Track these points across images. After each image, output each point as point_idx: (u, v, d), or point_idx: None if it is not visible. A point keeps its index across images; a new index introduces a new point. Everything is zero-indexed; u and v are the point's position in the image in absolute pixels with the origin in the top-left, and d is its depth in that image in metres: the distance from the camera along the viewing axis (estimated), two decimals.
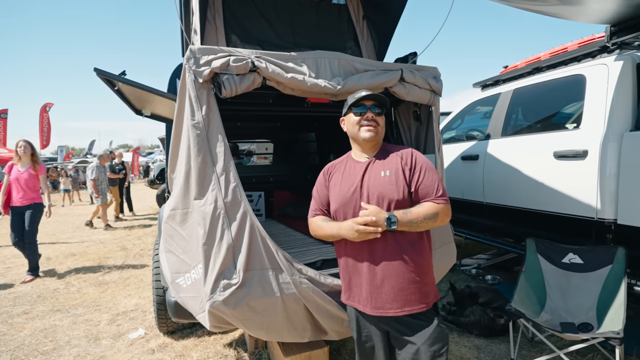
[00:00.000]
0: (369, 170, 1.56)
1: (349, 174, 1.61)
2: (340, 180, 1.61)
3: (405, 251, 1.48)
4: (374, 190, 1.51)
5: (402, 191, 1.49)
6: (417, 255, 1.50)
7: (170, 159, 2.13)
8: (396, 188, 1.49)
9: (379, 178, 1.52)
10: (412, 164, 1.54)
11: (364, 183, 1.54)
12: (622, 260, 2.35)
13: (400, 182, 1.50)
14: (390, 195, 1.48)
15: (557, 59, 3.18)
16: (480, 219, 3.70)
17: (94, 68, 2.13)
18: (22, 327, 3.25)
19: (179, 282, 1.93)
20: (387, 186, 1.50)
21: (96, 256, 5.63)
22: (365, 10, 3.03)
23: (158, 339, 2.94)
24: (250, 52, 1.87)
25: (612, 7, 2.34)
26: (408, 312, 1.47)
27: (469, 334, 2.88)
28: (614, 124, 2.54)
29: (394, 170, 1.52)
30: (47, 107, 15.38)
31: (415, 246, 1.51)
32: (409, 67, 2.25)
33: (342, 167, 1.67)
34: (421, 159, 1.57)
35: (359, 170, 1.58)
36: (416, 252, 1.50)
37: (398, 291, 1.47)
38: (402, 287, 1.47)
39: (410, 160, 1.55)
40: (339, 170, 1.67)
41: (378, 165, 1.56)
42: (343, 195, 1.56)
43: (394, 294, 1.47)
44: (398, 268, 1.47)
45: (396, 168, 1.53)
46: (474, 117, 4.38)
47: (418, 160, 1.55)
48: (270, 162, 5.41)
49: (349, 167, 1.64)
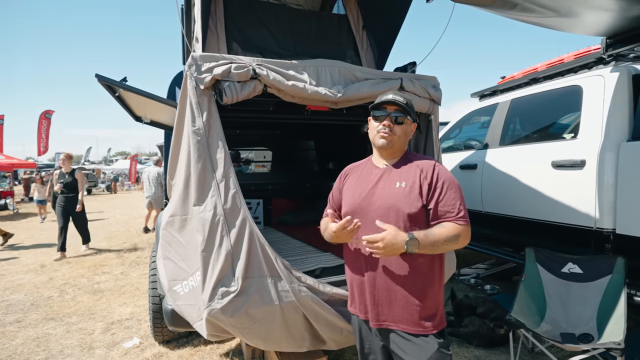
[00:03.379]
0: (384, 178, 1.48)
1: (364, 178, 1.53)
2: (354, 185, 1.55)
3: (411, 270, 1.38)
4: (385, 200, 1.42)
5: (415, 205, 1.38)
6: (422, 276, 1.40)
7: (170, 165, 2.13)
8: (409, 201, 1.38)
9: (393, 189, 1.43)
10: (432, 178, 1.40)
11: (376, 191, 1.45)
12: (622, 270, 2.35)
13: (415, 196, 1.39)
14: (401, 208, 1.38)
15: (553, 70, 3.23)
16: (478, 228, 3.70)
17: (95, 74, 2.15)
18: (14, 335, 3.19)
19: (176, 289, 1.91)
20: (400, 198, 1.39)
21: (92, 264, 5.57)
22: (366, 21, 3.07)
23: (153, 349, 2.89)
24: (251, 60, 1.89)
25: (608, 20, 2.38)
26: (403, 329, 1.40)
27: (469, 345, 2.85)
28: (611, 134, 2.56)
29: (411, 183, 1.41)
30: (48, 114, 15.41)
31: (421, 266, 1.39)
32: (408, 76, 2.27)
33: (359, 171, 1.59)
34: (444, 174, 1.43)
35: (374, 176, 1.50)
36: (423, 272, 1.40)
37: (396, 307, 1.40)
38: (401, 304, 1.40)
39: (432, 175, 1.41)
40: (355, 173, 1.60)
41: (395, 175, 1.46)
42: (353, 201, 1.50)
43: (390, 307, 1.41)
44: (399, 285, 1.40)
45: (413, 180, 1.41)
46: (472, 126, 4.42)
47: (441, 175, 1.41)
48: (269, 169, 5.41)
49: (366, 172, 1.56)
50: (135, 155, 29.32)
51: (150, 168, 7.95)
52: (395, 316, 1.41)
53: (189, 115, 1.81)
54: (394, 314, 1.41)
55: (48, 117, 15.45)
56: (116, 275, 4.96)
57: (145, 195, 7.81)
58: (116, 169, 28.87)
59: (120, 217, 11.07)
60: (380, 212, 1.41)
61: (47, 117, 15.42)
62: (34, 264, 5.61)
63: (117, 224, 9.63)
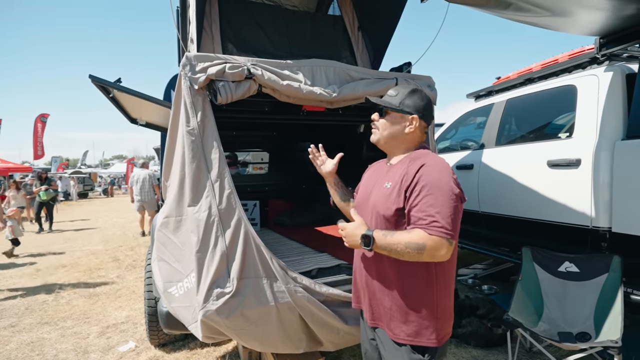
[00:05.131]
0: (383, 177, 1.44)
1: (374, 175, 1.53)
2: (365, 181, 1.57)
3: (393, 274, 1.33)
4: (373, 200, 1.40)
5: (389, 208, 1.30)
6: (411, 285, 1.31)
7: (165, 166, 2.11)
8: (386, 203, 1.32)
9: (381, 189, 1.38)
10: (412, 180, 1.27)
11: (373, 190, 1.44)
12: (618, 268, 2.35)
13: (393, 197, 1.30)
14: (378, 209, 1.35)
15: (548, 70, 3.24)
16: (475, 228, 3.71)
17: (89, 75, 2.14)
18: (8, 340, 3.15)
19: (171, 291, 1.89)
20: (381, 199, 1.35)
21: (87, 267, 5.53)
22: (361, 22, 3.08)
23: (149, 352, 2.86)
24: (246, 60, 1.88)
25: (601, 19, 2.40)
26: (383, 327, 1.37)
27: (466, 345, 2.84)
28: (605, 133, 2.57)
29: (394, 184, 1.33)
30: (43, 117, 15.33)
31: (411, 274, 1.30)
32: (403, 76, 2.27)
33: (375, 167, 1.60)
34: (427, 177, 1.25)
35: (379, 175, 1.49)
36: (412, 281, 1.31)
37: (381, 306, 1.38)
38: (385, 304, 1.36)
39: (413, 176, 1.27)
40: (372, 169, 1.61)
41: (390, 174, 1.41)
42: (358, 197, 1.55)
43: (377, 305, 1.40)
44: (385, 288, 1.36)
45: (396, 181, 1.33)
46: (468, 127, 4.43)
47: (423, 177, 1.25)
48: (266, 171, 5.40)
49: (378, 169, 1.56)
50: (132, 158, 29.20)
51: (139, 171, 7.74)
52: (380, 315, 1.40)
53: (183, 116, 1.80)
54: (380, 312, 1.39)
55: (43, 120, 15.38)
56: (112, 278, 4.92)
57: (136, 199, 7.58)
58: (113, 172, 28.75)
59: (116, 220, 11.02)
60: (369, 211, 1.42)
61: (42, 121, 15.35)
62: (28, 268, 5.56)
63: (113, 228, 9.58)
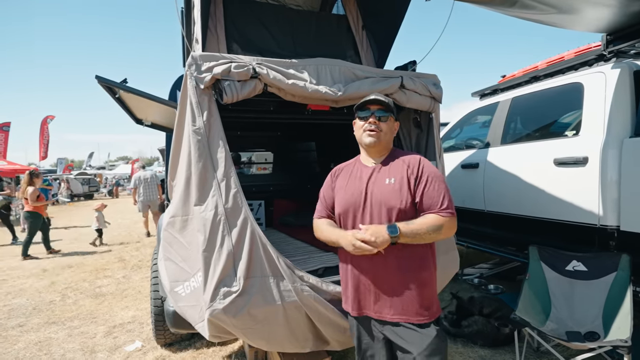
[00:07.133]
0: (374, 176, 1.54)
1: (355, 178, 1.59)
2: (345, 184, 1.60)
3: (406, 264, 1.45)
4: (377, 197, 1.48)
5: (405, 200, 1.45)
6: (417, 269, 1.47)
7: (171, 166, 2.12)
8: (399, 197, 1.45)
9: (383, 185, 1.49)
10: (418, 172, 1.48)
11: (369, 189, 1.51)
12: (627, 267, 2.33)
13: (405, 191, 1.46)
14: (393, 204, 1.45)
15: (554, 67, 3.22)
16: (481, 228, 3.68)
17: (95, 75, 2.15)
18: (16, 340, 3.18)
19: (177, 290, 1.89)
20: (391, 194, 1.46)
21: (93, 268, 5.56)
22: (365, 21, 3.07)
23: (155, 352, 2.87)
24: (251, 59, 1.88)
25: (608, 16, 2.38)
26: (405, 320, 1.46)
27: (473, 344, 2.82)
28: (613, 131, 2.55)
29: (399, 179, 1.48)
30: (49, 119, 15.47)
31: (415, 259, 1.47)
32: (408, 74, 2.26)
33: (349, 170, 1.65)
34: (428, 168, 1.50)
35: (365, 175, 1.56)
36: (417, 265, 1.47)
37: (396, 300, 1.46)
38: (401, 297, 1.46)
39: (417, 169, 1.49)
40: (345, 173, 1.65)
41: (384, 172, 1.53)
42: (347, 200, 1.55)
43: (391, 301, 1.47)
44: (397, 280, 1.46)
45: (401, 176, 1.48)
46: (473, 126, 4.40)
47: (425, 169, 1.49)
48: (271, 171, 5.40)
49: (356, 171, 1.61)
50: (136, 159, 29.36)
51: (142, 172, 7.95)
52: (396, 308, 1.46)
53: (189, 115, 1.80)
54: (394, 306, 1.46)
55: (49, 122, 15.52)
56: (118, 279, 4.94)
57: (141, 199, 7.71)
58: (118, 173, 28.94)
59: (122, 221, 11.07)
60: (373, 210, 1.47)
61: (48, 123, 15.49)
62: (35, 269, 5.61)
63: (118, 228, 9.62)
